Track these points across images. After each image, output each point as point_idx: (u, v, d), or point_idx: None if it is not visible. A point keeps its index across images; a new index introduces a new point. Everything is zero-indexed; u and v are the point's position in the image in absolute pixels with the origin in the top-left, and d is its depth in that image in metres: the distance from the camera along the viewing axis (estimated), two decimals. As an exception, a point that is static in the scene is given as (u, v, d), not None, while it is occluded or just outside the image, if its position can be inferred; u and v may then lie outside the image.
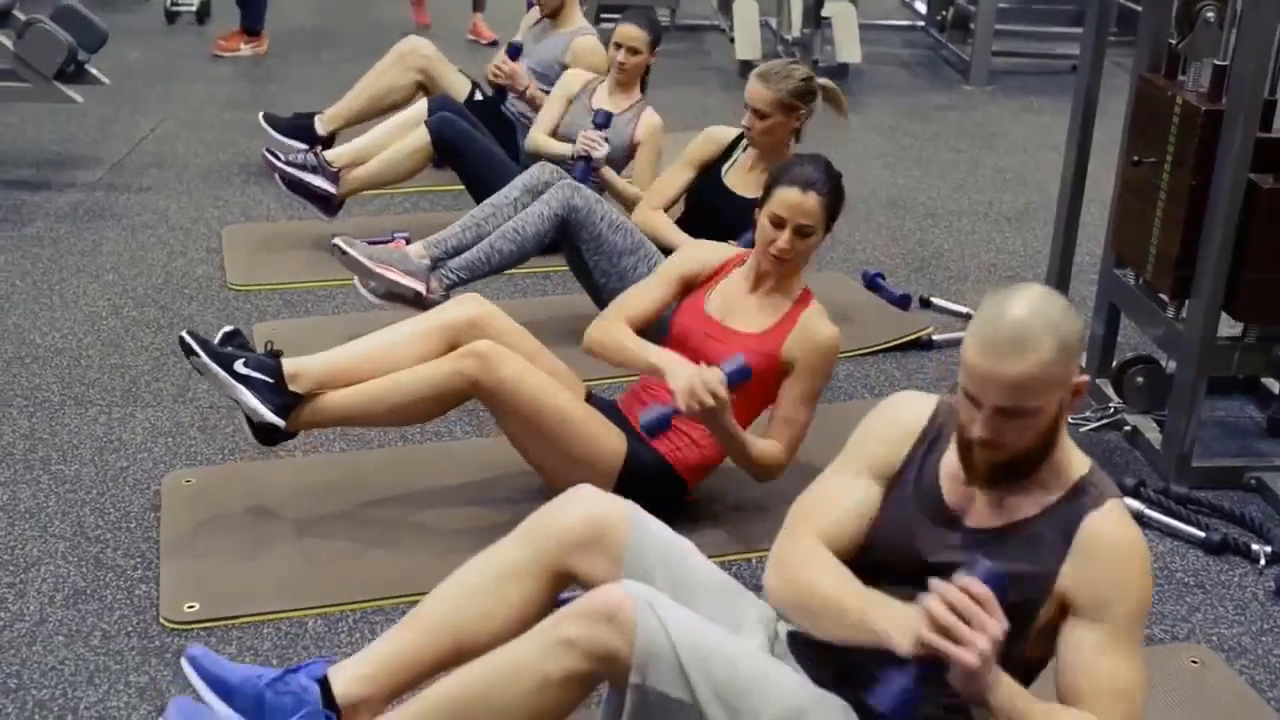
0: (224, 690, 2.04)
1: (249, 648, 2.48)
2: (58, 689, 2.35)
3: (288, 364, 2.76)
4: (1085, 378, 1.84)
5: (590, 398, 2.94)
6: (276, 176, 4.32)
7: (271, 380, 2.73)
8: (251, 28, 7.04)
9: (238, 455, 3.14)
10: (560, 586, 2.09)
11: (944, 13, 7.91)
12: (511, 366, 2.71)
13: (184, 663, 2.09)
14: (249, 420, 2.80)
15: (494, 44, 7.17)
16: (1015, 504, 1.86)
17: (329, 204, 4.36)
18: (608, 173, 4.05)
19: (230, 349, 2.79)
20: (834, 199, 2.82)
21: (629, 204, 3.99)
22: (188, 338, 2.73)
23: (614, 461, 2.77)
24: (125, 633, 2.51)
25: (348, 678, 2.02)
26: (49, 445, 3.17)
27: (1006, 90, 6.98)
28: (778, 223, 2.78)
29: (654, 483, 2.78)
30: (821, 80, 3.65)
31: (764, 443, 2.80)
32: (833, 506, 1.96)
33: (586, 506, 2.09)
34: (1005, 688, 1.73)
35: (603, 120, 4.02)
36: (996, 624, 1.67)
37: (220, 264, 4.31)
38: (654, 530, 2.09)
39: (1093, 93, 3.59)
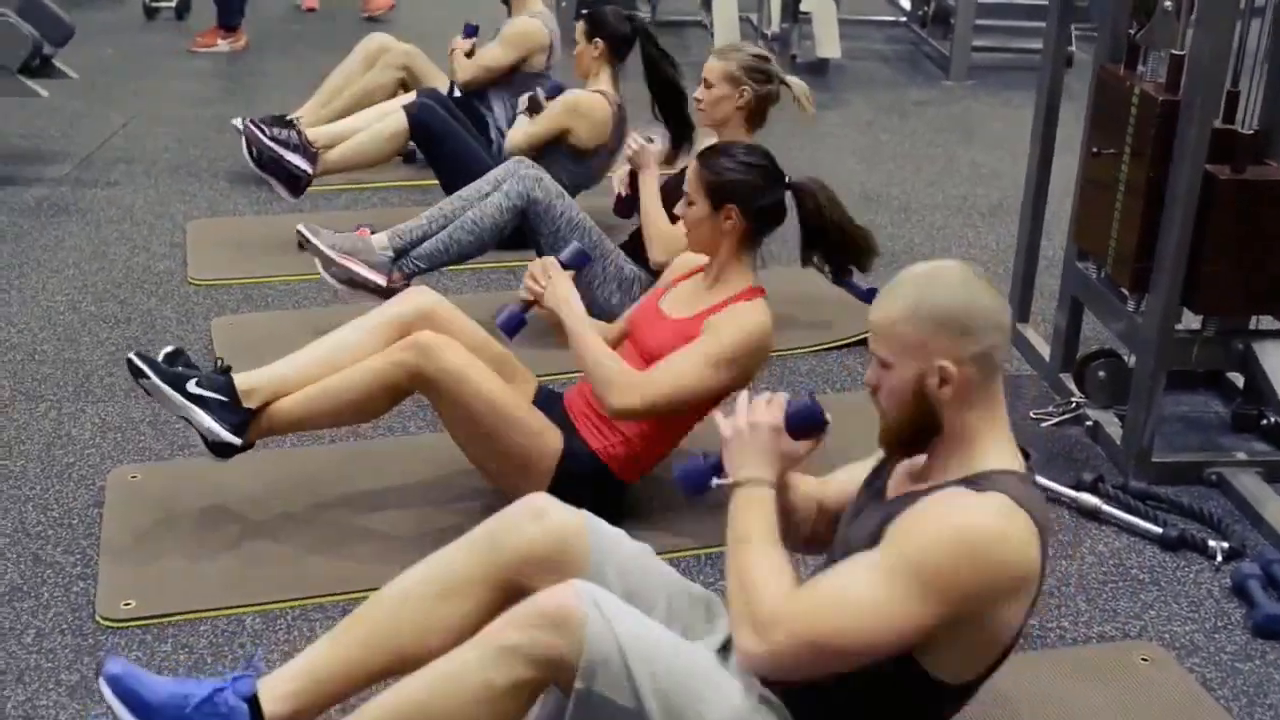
0: (145, 713, 1.94)
1: (184, 645, 2.45)
2: (-14, 687, 2.32)
3: (240, 380, 2.69)
4: (952, 365, 1.76)
5: (541, 391, 2.92)
6: (250, 149, 4.21)
7: (226, 399, 2.66)
8: (229, 24, 6.99)
9: (187, 451, 3.10)
10: (508, 601, 1.99)
11: (925, 8, 7.87)
12: (451, 357, 2.65)
13: (101, 683, 1.97)
14: (204, 438, 2.70)
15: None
16: (917, 480, 1.88)
17: (298, 185, 4.27)
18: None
19: (180, 369, 2.70)
20: (714, 173, 2.71)
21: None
22: (136, 359, 2.64)
23: (550, 460, 2.72)
24: (59, 630, 2.48)
25: (277, 695, 1.96)
26: (-5, 441, 3.14)
27: (987, 85, 6.94)
28: None
29: (589, 482, 2.72)
30: (785, 76, 3.61)
31: (616, 364, 2.68)
32: (830, 478, 2.14)
33: (548, 524, 2.01)
34: (743, 494, 1.89)
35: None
36: (752, 419, 1.93)
37: (183, 259, 4.27)
38: (610, 540, 2.04)
39: (1056, 83, 3.56)
